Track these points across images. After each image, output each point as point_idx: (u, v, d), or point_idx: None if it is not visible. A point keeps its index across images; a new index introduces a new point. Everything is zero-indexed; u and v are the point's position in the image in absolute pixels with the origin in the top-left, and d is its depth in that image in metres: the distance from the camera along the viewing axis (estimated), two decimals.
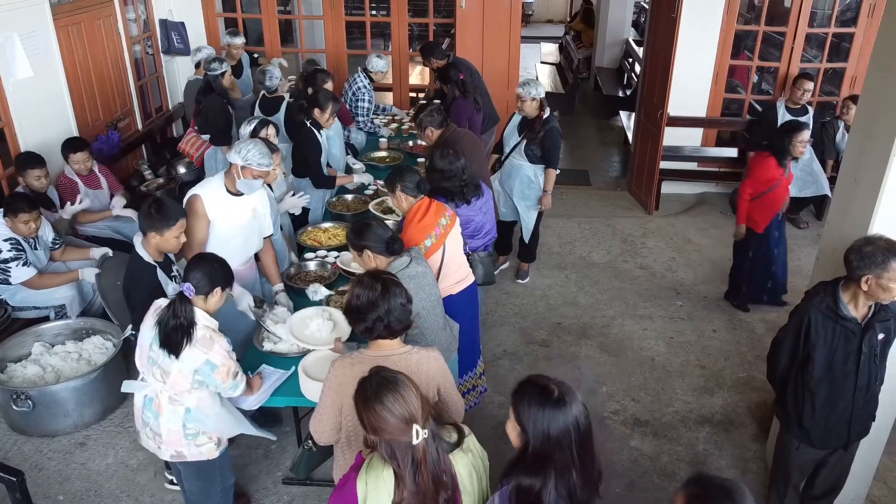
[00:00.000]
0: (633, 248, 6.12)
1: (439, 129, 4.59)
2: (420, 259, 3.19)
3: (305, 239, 4.31)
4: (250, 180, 3.43)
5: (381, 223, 3.13)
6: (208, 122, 5.47)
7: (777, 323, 5.01)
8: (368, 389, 2.02)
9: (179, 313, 2.71)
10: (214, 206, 3.43)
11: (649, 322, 5.07)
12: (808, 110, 6.38)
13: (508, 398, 4.19)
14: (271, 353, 3.29)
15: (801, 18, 6.43)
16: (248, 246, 3.61)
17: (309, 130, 4.64)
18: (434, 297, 3.18)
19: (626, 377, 4.49)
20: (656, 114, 6.47)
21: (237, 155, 3.39)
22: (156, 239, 3.14)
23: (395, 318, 2.47)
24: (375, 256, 3.04)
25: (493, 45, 6.70)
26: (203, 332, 2.77)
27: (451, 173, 3.87)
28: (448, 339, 3.28)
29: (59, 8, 5.18)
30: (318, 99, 4.64)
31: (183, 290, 2.73)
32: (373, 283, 2.51)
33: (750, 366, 4.61)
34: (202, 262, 2.84)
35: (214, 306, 2.88)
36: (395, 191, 3.55)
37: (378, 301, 2.45)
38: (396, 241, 3.07)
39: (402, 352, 2.52)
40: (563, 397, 1.98)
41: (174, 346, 2.72)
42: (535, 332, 4.94)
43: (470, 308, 3.86)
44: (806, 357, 2.92)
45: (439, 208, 3.57)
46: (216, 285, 2.83)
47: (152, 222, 3.11)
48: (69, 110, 5.34)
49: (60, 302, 4.34)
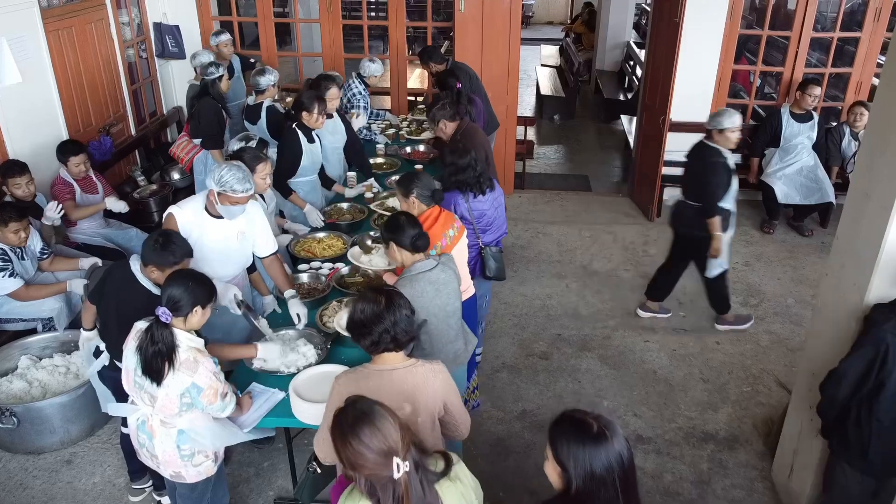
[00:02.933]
0: (635, 257, 6.01)
1: (452, 121, 4.58)
2: (448, 266, 3.11)
3: (299, 250, 4.20)
4: (229, 207, 3.27)
5: (412, 222, 3.07)
6: (200, 125, 5.37)
7: (782, 336, 4.93)
8: (344, 424, 1.91)
9: (158, 339, 2.59)
10: (191, 226, 3.30)
11: (651, 334, 4.97)
12: (812, 116, 6.27)
13: (507, 413, 4.16)
14: (261, 372, 3.18)
15: (805, 22, 6.32)
16: (229, 265, 3.48)
17: (291, 132, 4.51)
18: (451, 307, 3.10)
19: (628, 391, 4.39)
20: (658, 119, 6.37)
21: (212, 180, 3.23)
22: (155, 274, 3.00)
23: (402, 330, 2.42)
24: (400, 250, 3.04)
25: (493, 49, 6.58)
26: (186, 355, 2.66)
27: (465, 164, 3.88)
28: (457, 351, 3.18)
29: (48, 12, 5.08)
30: (304, 102, 4.48)
31: (159, 316, 2.61)
32: (376, 296, 2.46)
33: (755, 380, 4.50)
34: (177, 280, 2.70)
35: (197, 324, 2.77)
36: (408, 196, 3.46)
37: (383, 313, 2.40)
38: (421, 237, 3.03)
39: (406, 365, 2.46)
40: (604, 431, 1.86)
41: (155, 374, 2.62)
42: (535, 344, 4.84)
43: (469, 318, 3.77)
44: (878, 385, 2.73)
45: (448, 219, 3.49)
46: (196, 304, 2.70)
47: (156, 256, 2.97)
48: (60, 116, 5.23)
49: (48, 314, 4.23)
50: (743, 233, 6.43)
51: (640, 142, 6.94)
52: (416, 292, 2.92)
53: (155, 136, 6.67)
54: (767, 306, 5.29)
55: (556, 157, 8.66)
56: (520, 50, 6.72)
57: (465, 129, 4.69)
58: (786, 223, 6.55)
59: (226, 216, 3.33)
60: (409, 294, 2.90)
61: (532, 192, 7.27)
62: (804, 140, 6.25)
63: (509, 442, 3.97)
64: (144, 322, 2.71)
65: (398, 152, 5.81)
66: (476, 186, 3.94)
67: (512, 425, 4.09)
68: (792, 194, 6.18)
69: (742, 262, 5.92)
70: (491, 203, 4.04)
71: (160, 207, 5.65)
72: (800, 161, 6.21)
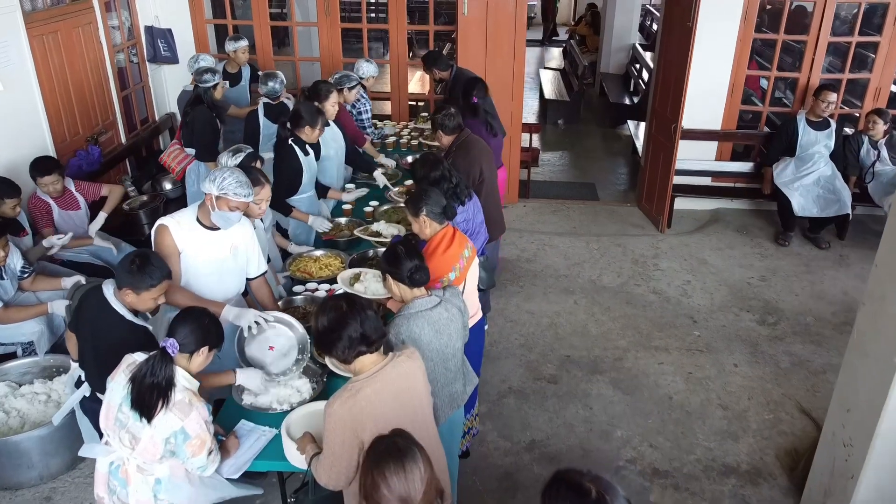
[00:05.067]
0: (646, 271, 5.77)
1: (451, 134, 4.48)
2: (453, 303, 2.88)
3: (294, 270, 3.95)
4: (226, 213, 3.06)
5: (412, 253, 2.83)
6: (194, 134, 5.13)
7: (803, 357, 4.70)
8: (376, 450, 1.88)
9: (158, 371, 2.39)
10: (184, 238, 3.08)
11: (665, 355, 4.72)
12: (830, 124, 6.04)
13: (515, 444, 3.92)
14: (252, 409, 2.94)
15: (822, 26, 6.07)
16: (225, 286, 3.25)
17: (289, 148, 4.29)
18: (453, 348, 2.86)
19: (643, 419, 4.14)
20: (669, 127, 6.13)
21: (212, 184, 3.03)
22: (130, 297, 2.79)
23: (371, 328, 2.31)
24: (398, 284, 2.82)
25: (497, 54, 6.34)
26: (182, 396, 2.44)
27: (439, 176, 3.68)
28: (454, 393, 2.94)
29: (32, 16, 4.83)
30: (304, 116, 4.23)
31: (165, 347, 2.40)
32: (335, 303, 2.36)
33: (776, 406, 4.26)
34: (190, 317, 2.53)
35: (198, 367, 2.57)
36: (418, 215, 3.23)
37: (348, 315, 2.30)
38: (419, 270, 2.79)
39: (386, 363, 2.37)
40: (604, 497, 1.67)
41: (147, 409, 2.40)
42: (543, 367, 4.60)
43: (475, 343, 3.56)
44: None
45: (463, 238, 3.29)
46: (204, 344, 2.52)
47: (132, 279, 2.75)
48: (44, 125, 4.99)
49: (28, 338, 3.98)
50: (756, 245, 6.20)
51: (649, 149, 6.70)
52: (413, 333, 2.69)
53: (146, 144, 6.42)
54: (786, 325, 5.05)
55: (561, 163, 8.42)
56: (525, 55, 6.48)
57: (463, 140, 4.51)
58: (801, 235, 6.31)
59: (221, 224, 3.11)
60: (406, 335, 2.68)
61: (537, 202, 7.03)
62: (821, 149, 6.02)
63: (518, 476, 3.73)
64: (141, 354, 2.51)
65: (398, 162, 5.57)
66: (454, 197, 3.73)
67: (520, 457, 3.85)
68: (809, 206, 5.94)
69: (758, 277, 5.67)
70: (472, 211, 3.87)
71: (151, 220, 5.39)
72: (817, 171, 5.97)
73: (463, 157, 4.50)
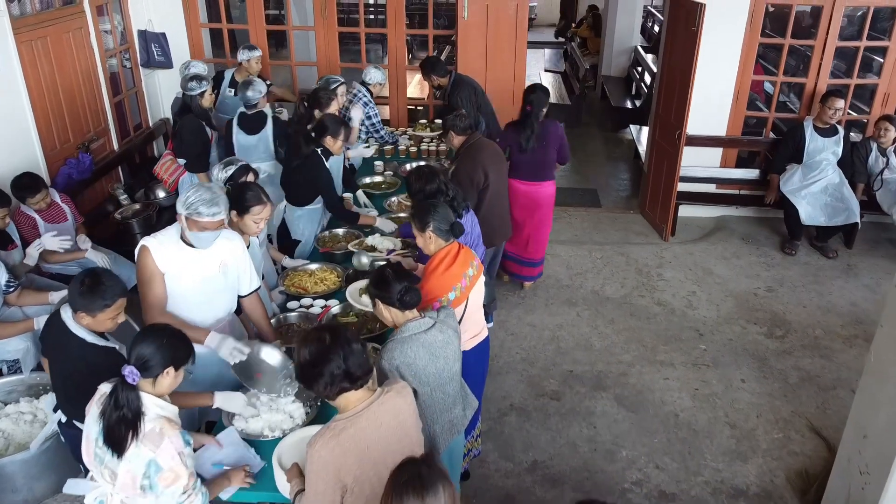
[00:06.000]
0: (650, 281, 5.64)
1: (461, 135, 4.50)
2: (447, 325, 2.75)
3: (288, 285, 3.82)
4: (198, 234, 2.90)
5: (401, 274, 2.71)
6: (184, 144, 5.00)
7: (812, 372, 4.57)
8: (400, 476, 1.83)
9: (122, 403, 2.25)
10: (167, 259, 2.94)
11: (671, 370, 4.60)
12: (837, 130, 5.91)
13: (517, 465, 3.79)
14: (241, 435, 2.80)
15: (830, 31, 5.94)
16: (213, 306, 3.10)
17: (319, 159, 4.24)
18: (450, 371, 2.74)
19: (648, 438, 4.02)
20: (674, 133, 6.00)
21: (180, 203, 2.88)
22: (86, 320, 2.66)
23: (355, 363, 2.18)
24: (388, 308, 2.69)
25: (498, 58, 6.22)
26: (152, 425, 2.30)
27: (434, 189, 3.57)
28: (453, 419, 2.82)
29: (20, 21, 4.70)
30: (328, 125, 4.23)
31: (125, 375, 2.26)
32: (318, 334, 2.23)
33: (785, 424, 4.13)
34: (149, 336, 2.35)
35: (168, 389, 2.42)
36: (424, 230, 3.12)
37: (330, 350, 2.17)
38: (409, 292, 2.65)
39: (374, 398, 2.25)
40: None
41: (117, 443, 2.27)
42: (545, 382, 4.47)
43: (480, 364, 3.44)
44: None
45: (468, 256, 3.16)
46: (168, 365, 2.36)
47: (84, 301, 2.62)
48: (33, 134, 4.85)
49: (13, 356, 3.86)
50: (763, 254, 6.08)
51: (652, 156, 6.57)
52: (407, 358, 2.57)
53: (140, 151, 6.30)
54: (794, 338, 4.92)
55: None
56: (526, 59, 6.36)
57: (474, 143, 4.51)
58: (807, 243, 6.18)
59: (197, 244, 2.96)
60: (400, 360, 2.56)
61: None
62: (829, 156, 5.89)
63: (520, 499, 3.60)
64: (108, 384, 2.36)
65: (397, 169, 5.45)
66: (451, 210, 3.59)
67: (522, 479, 3.73)
68: (816, 215, 5.81)
69: (764, 288, 5.55)
70: (469, 224, 3.76)
71: (144, 229, 5.27)
72: (824, 178, 5.85)
73: (469, 160, 4.47)
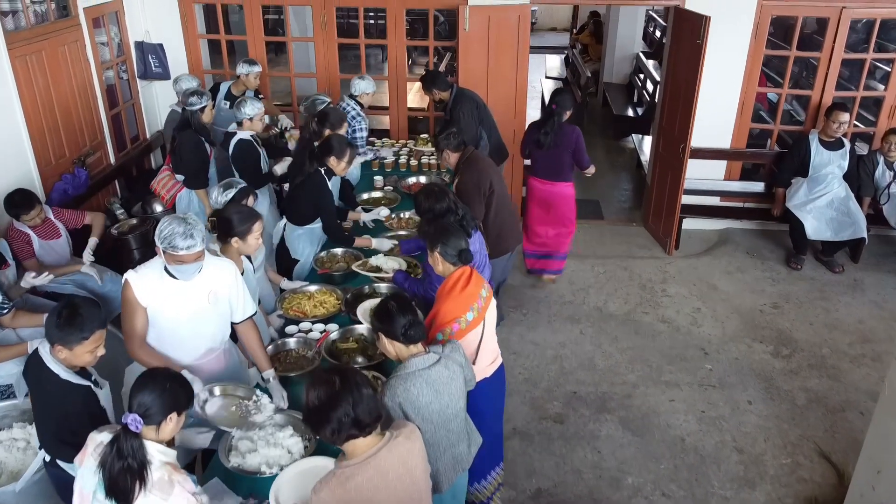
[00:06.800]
0: (653, 297, 5.56)
1: (456, 151, 4.46)
2: (452, 360, 2.68)
3: (287, 309, 3.74)
4: (176, 266, 2.81)
5: (406, 308, 2.64)
6: (182, 161, 4.92)
7: (819, 393, 4.49)
8: None
9: (126, 453, 2.15)
10: (149, 292, 2.85)
11: (676, 391, 4.52)
12: (843, 143, 5.83)
13: (520, 493, 3.71)
14: (238, 471, 2.72)
15: (836, 43, 5.86)
16: (203, 337, 3.02)
17: (321, 179, 4.17)
18: (453, 409, 2.66)
19: (654, 463, 3.94)
20: (678, 147, 5.92)
21: (157, 236, 2.79)
22: (63, 353, 2.56)
23: (364, 411, 2.11)
24: (392, 342, 2.62)
25: (499, 71, 6.13)
26: (160, 473, 2.21)
27: (444, 209, 3.54)
28: (457, 456, 2.74)
29: (14, 35, 4.62)
30: (334, 145, 4.15)
31: (127, 424, 2.17)
32: (329, 377, 2.15)
33: (794, 448, 4.06)
34: (151, 383, 2.27)
35: (170, 434, 2.33)
36: (433, 251, 3.08)
37: (340, 395, 2.09)
38: (414, 326, 2.59)
39: (382, 444, 2.18)
40: None
41: (124, 495, 2.16)
42: (548, 404, 4.39)
43: (497, 394, 3.35)
44: None
45: (479, 280, 3.11)
46: (171, 411, 2.28)
47: (60, 333, 2.52)
48: (27, 149, 4.78)
49: (6, 380, 3.77)
50: (768, 268, 6.00)
51: (656, 168, 6.49)
52: (410, 395, 2.50)
53: (137, 163, 6.22)
54: (801, 357, 4.85)
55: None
56: (528, 70, 6.27)
57: (470, 156, 4.48)
58: (813, 257, 6.10)
59: (179, 276, 2.87)
60: (403, 397, 2.49)
61: None
62: (834, 169, 5.82)
63: None
64: (106, 433, 2.27)
65: (397, 184, 5.36)
66: (461, 229, 3.53)
67: None
68: (822, 230, 5.73)
69: (770, 304, 5.47)
70: (478, 244, 3.70)
71: (141, 244, 5.20)
72: (830, 192, 5.77)
73: (471, 172, 4.44)
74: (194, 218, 2.82)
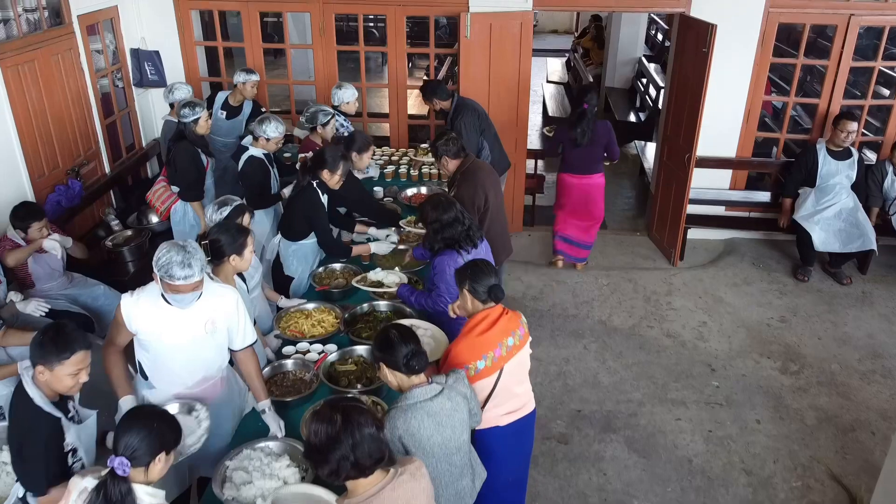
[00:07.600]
0: (658, 310, 5.46)
1: (455, 159, 4.38)
2: (456, 391, 2.57)
3: (284, 328, 3.64)
4: (172, 295, 2.71)
5: (406, 335, 2.53)
6: (178, 172, 4.82)
7: (830, 412, 4.39)
8: None
9: (115, 499, 2.06)
10: (144, 319, 2.75)
11: (682, 409, 4.42)
12: (851, 153, 5.73)
13: None
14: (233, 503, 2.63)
15: (844, 51, 5.76)
16: (200, 365, 2.91)
17: (314, 193, 4.06)
18: (458, 441, 2.56)
19: (661, 486, 3.84)
20: (683, 156, 5.82)
21: (154, 263, 2.68)
22: (45, 375, 2.44)
23: (364, 453, 2.01)
24: (393, 373, 2.52)
25: (501, 78, 6.04)
26: None
27: (451, 219, 3.45)
28: (461, 490, 2.64)
29: (6, 45, 4.52)
30: (327, 158, 4.02)
31: (114, 468, 2.07)
32: (331, 413, 2.05)
33: (804, 470, 3.96)
34: (136, 423, 2.17)
35: (159, 475, 2.23)
36: (462, 287, 2.92)
37: (340, 436, 2.00)
38: (416, 356, 2.48)
39: (385, 484, 2.08)
40: None
41: None
42: (552, 424, 4.29)
43: (519, 444, 3.17)
44: None
45: (512, 323, 2.90)
46: (160, 451, 2.18)
47: (41, 352, 2.42)
48: (20, 161, 4.66)
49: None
50: (774, 280, 5.90)
51: (660, 178, 6.39)
52: (410, 428, 2.40)
53: (133, 173, 6.11)
54: (810, 374, 4.75)
55: None
56: (530, 78, 6.18)
57: (469, 165, 4.39)
58: (820, 269, 6.00)
59: (175, 304, 2.76)
60: (403, 430, 2.39)
61: (542, 230, 6.71)
62: (843, 179, 5.71)
63: None
64: (90, 478, 2.16)
65: (398, 195, 5.25)
66: (467, 240, 3.51)
67: None
68: (830, 241, 5.63)
69: (777, 318, 5.37)
70: (484, 252, 3.60)
71: (135, 257, 5.10)
72: (838, 203, 5.66)
73: (468, 183, 4.33)
74: (194, 245, 2.71)
